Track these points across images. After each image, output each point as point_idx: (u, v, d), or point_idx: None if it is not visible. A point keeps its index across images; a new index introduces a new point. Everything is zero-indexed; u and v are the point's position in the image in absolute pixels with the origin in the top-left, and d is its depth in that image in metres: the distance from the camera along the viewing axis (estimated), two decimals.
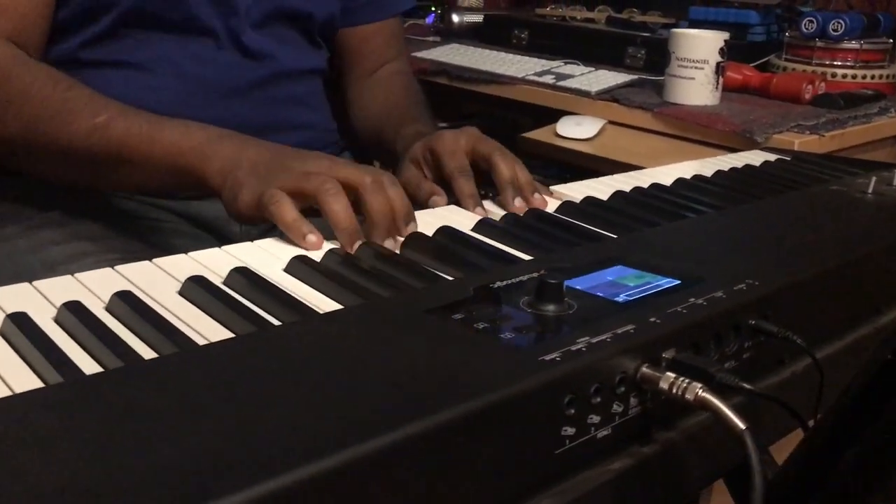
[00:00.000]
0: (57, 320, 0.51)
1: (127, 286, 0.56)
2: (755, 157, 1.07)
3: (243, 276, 0.57)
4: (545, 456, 0.43)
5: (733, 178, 0.95)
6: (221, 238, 0.96)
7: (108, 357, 0.46)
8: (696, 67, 1.34)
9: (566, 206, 0.79)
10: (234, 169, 0.71)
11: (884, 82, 1.52)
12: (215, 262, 0.60)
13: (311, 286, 0.58)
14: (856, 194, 0.83)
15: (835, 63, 1.51)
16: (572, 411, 0.44)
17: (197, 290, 0.55)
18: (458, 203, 0.79)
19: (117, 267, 0.59)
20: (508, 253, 0.66)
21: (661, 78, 1.52)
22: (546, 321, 0.50)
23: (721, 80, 1.37)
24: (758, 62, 1.57)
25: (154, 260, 0.61)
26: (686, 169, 0.98)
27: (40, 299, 0.53)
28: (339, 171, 0.67)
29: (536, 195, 0.79)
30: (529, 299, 0.52)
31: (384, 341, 0.46)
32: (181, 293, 0.56)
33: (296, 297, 0.55)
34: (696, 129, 1.29)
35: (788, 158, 1.07)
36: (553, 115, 1.45)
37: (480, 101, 1.65)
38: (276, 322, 0.51)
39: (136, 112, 0.78)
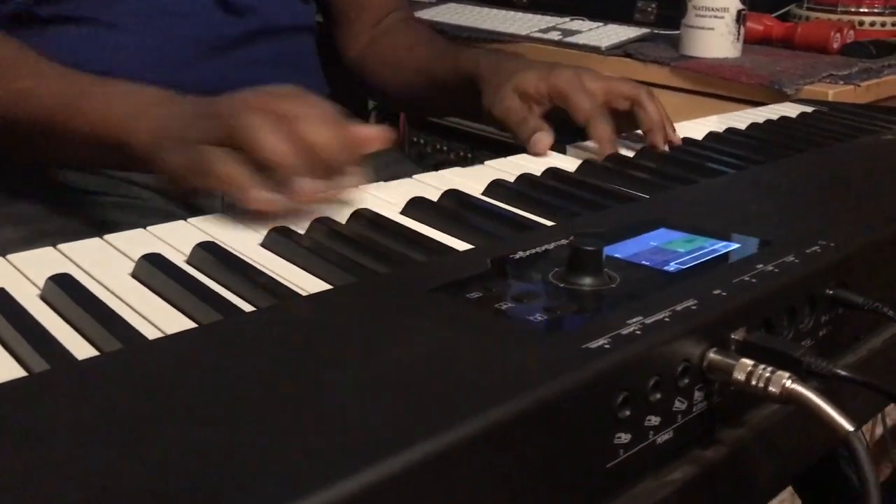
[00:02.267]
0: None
1: (69, 268, 0.46)
2: (789, 110, 0.97)
3: (209, 253, 0.47)
4: (594, 472, 0.34)
5: (771, 130, 0.85)
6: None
7: (32, 357, 0.36)
8: (715, 16, 1.24)
9: (586, 166, 0.69)
10: (161, 138, 0.59)
11: None
12: (178, 238, 0.50)
13: (293, 263, 0.48)
14: None
15: (861, 10, 1.40)
16: (627, 413, 0.34)
17: (151, 270, 0.45)
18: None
19: (60, 246, 0.49)
20: (526, 218, 0.56)
21: (674, 32, 1.41)
22: (584, 298, 0.40)
23: (742, 29, 1.26)
24: (778, 12, 1.46)
25: (105, 236, 0.51)
26: (714, 123, 0.88)
27: None
28: (271, 104, 0.55)
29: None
30: (560, 272, 0.42)
31: (379, 329, 0.36)
32: (134, 275, 0.46)
33: (273, 275, 0.45)
34: (717, 83, 1.19)
35: (825, 110, 0.97)
36: None
37: None
38: (248, 308, 0.42)
39: (67, 75, 0.68)
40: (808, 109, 0.96)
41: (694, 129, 0.85)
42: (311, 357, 0.33)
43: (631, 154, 0.73)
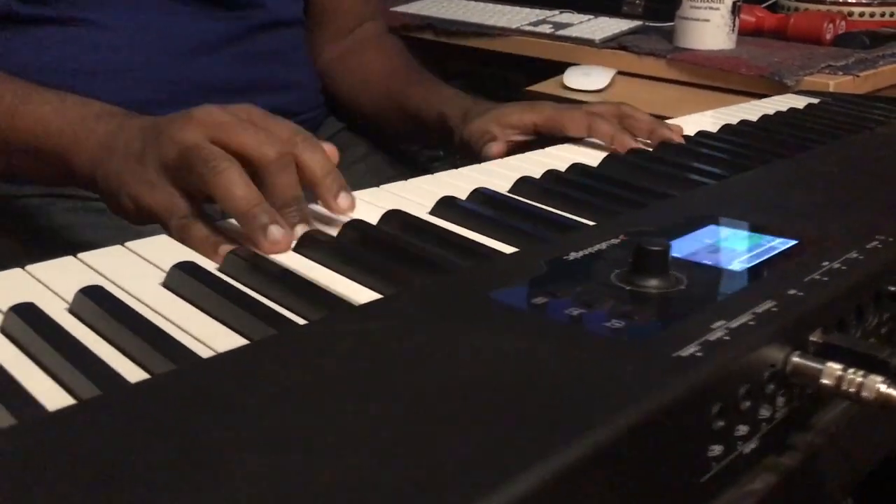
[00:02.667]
0: (3, 331, 0.38)
1: (94, 279, 0.43)
2: (795, 101, 0.96)
3: (244, 260, 0.45)
4: (689, 488, 0.32)
5: (785, 122, 0.83)
6: None
7: (77, 381, 0.33)
8: (710, 8, 1.23)
9: (610, 161, 0.68)
10: (106, 158, 0.55)
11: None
12: None
13: (332, 270, 0.45)
14: None
15: (850, 1, 1.40)
16: (721, 424, 0.32)
17: (186, 280, 0.42)
18: None
19: (81, 255, 0.46)
20: (562, 216, 0.54)
21: (666, 25, 1.40)
22: (656, 302, 0.38)
23: (737, 21, 1.25)
24: (767, 3, 1.46)
25: (128, 244, 0.48)
26: (721, 116, 0.86)
27: None
28: (231, 136, 0.50)
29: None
30: (623, 273, 0.40)
31: (452, 341, 0.34)
32: (166, 285, 0.43)
33: (316, 284, 0.43)
34: (715, 75, 1.18)
35: (830, 101, 0.96)
36: (550, 70, 1.33)
37: (467, 57, 1.52)
38: (296, 319, 0.39)
39: (10, 80, 0.64)
40: (815, 101, 0.96)
41: (705, 121, 0.83)
42: (388, 376, 0.31)
43: (649, 149, 0.71)
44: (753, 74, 1.13)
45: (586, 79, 1.18)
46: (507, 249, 0.48)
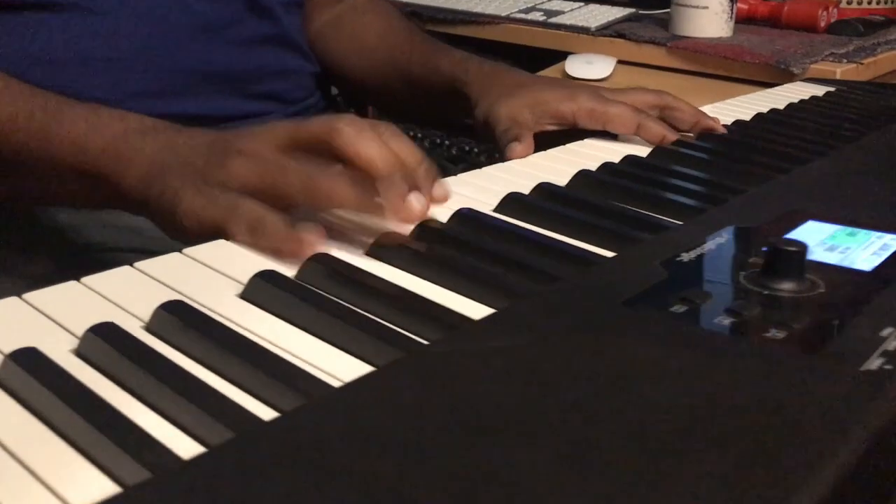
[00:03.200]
0: (81, 354, 0.34)
1: (158, 290, 0.39)
2: (807, 90, 0.94)
3: (322, 266, 0.41)
4: None
5: (824, 111, 0.82)
6: None
7: (203, 422, 0.29)
8: None
9: (662, 152, 0.65)
10: (162, 173, 0.50)
11: (890, 7, 1.42)
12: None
13: (421, 277, 0.41)
14: None
15: None
16: None
17: (274, 292, 0.38)
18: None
19: (137, 264, 0.42)
20: (645, 214, 0.51)
21: (659, 12, 1.38)
22: (804, 307, 0.35)
23: (735, 8, 1.24)
24: None
25: (186, 250, 0.44)
26: (740, 106, 0.84)
27: (32, 321, 0.36)
28: (302, 131, 0.48)
29: None
30: (753, 276, 0.37)
31: (606, 360, 0.30)
32: (247, 297, 0.39)
33: (417, 295, 0.39)
34: (717, 63, 1.16)
35: (846, 89, 0.95)
36: (542, 59, 1.30)
37: (455, 46, 1.47)
38: (411, 336, 0.35)
39: (31, 92, 0.58)
40: (830, 88, 0.94)
41: (733, 111, 0.81)
42: (549, 400, 0.28)
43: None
44: (758, 62, 1.11)
45: (589, 67, 1.15)
46: (600, 251, 0.45)
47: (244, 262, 0.42)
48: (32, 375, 0.30)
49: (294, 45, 0.87)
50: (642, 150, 0.65)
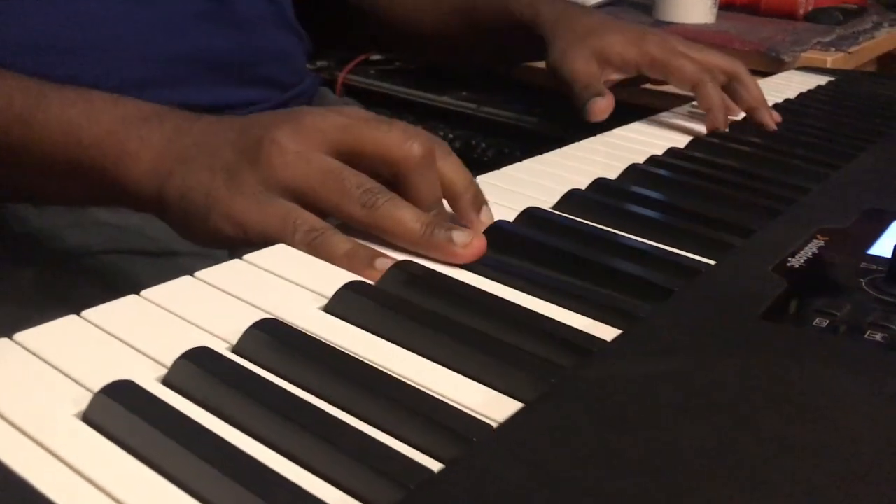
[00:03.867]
0: (173, 384, 0.29)
1: (238, 308, 0.34)
2: (803, 78, 0.94)
3: (406, 273, 0.37)
4: None
5: (836, 102, 0.81)
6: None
7: (359, 475, 0.25)
8: None
9: (702, 145, 0.62)
10: (181, 166, 0.44)
11: None
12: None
13: (515, 288, 0.38)
14: None
15: None
16: None
17: (367, 307, 0.34)
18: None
19: (200, 273, 0.37)
20: (719, 215, 0.47)
21: None
22: None
23: None
24: None
25: (246, 257, 0.39)
26: None
27: (101, 344, 0.31)
28: (362, 135, 0.43)
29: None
30: (878, 283, 0.35)
31: (784, 379, 0.28)
32: (334, 312, 0.35)
33: (529, 311, 0.35)
34: None
35: (845, 79, 0.94)
36: None
37: None
38: (552, 363, 0.32)
39: (14, 78, 0.51)
40: (829, 78, 0.94)
41: None
42: (746, 433, 0.25)
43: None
44: (749, 50, 1.10)
45: None
46: (692, 256, 0.42)
47: (313, 269, 0.38)
48: (137, 413, 0.26)
49: (290, 24, 0.82)
50: (683, 137, 0.63)
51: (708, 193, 0.51)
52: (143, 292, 0.35)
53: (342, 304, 0.35)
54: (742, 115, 0.69)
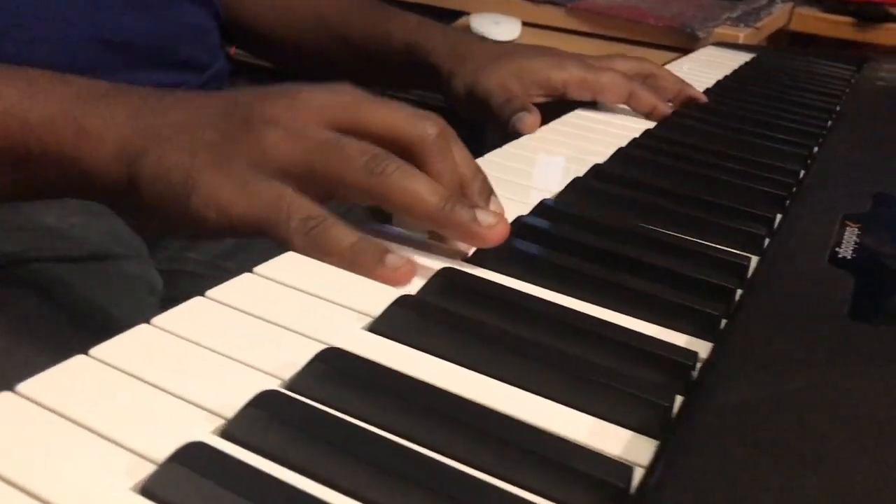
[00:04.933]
0: (239, 438, 0.24)
1: (272, 332, 0.29)
2: (721, 55, 0.94)
3: (450, 281, 0.33)
4: None
5: (771, 78, 0.81)
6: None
7: None
8: None
9: (673, 127, 0.61)
10: (153, 147, 0.39)
11: None
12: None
13: (566, 294, 0.34)
14: None
15: None
16: None
17: (425, 326, 0.30)
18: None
19: (210, 293, 0.32)
20: (734, 204, 0.45)
21: None
22: None
23: None
24: None
25: (257, 269, 0.34)
26: (681, 72, 0.82)
27: (131, 392, 0.26)
28: (370, 114, 0.38)
29: None
30: None
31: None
32: (385, 332, 0.30)
33: (597, 319, 0.32)
34: (621, 26, 1.14)
35: (768, 54, 0.96)
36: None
37: None
38: (651, 382, 0.29)
39: None
40: (751, 55, 0.95)
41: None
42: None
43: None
44: (663, 26, 1.10)
45: (496, 28, 1.10)
46: (728, 248, 0.40)
47: (338, 280, 0.34)
48: (215, 480, 0.21)
49: (212, 3, 0.75)
50: (637, 123, 0.61)
51: (705, 179, 0.49)
52: (154, 320, 0.30)
53: (394, 324, 0.30)
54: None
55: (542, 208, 0.42)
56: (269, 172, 0.37)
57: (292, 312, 0.31)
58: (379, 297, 0.32)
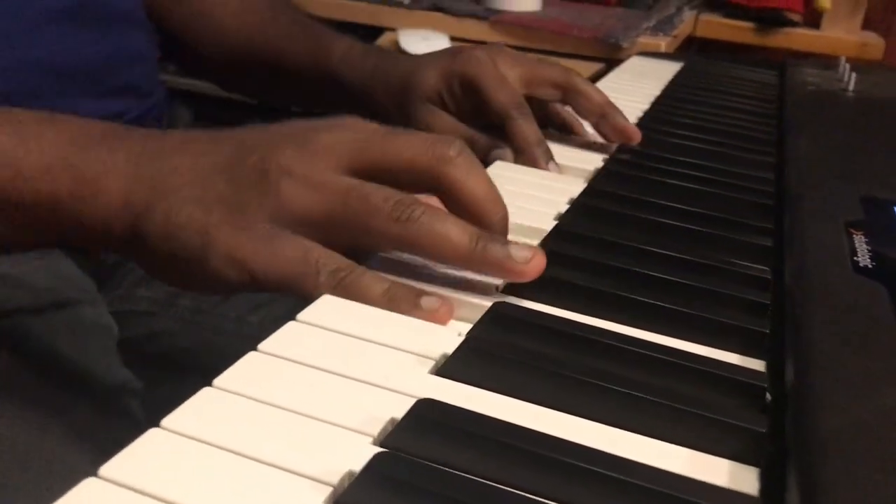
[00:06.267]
0: None
1: (341, 385, 0.28)
2: (661, 66, 0.97)
3: (522, 321, 0.32)
4: None
5: (708, 87, 0.83)
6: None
7: None
8: None
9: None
10: (160, 197, 0.37)
11: None
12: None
13: (629, 325, 0.34)
14: (848, 94, 0.76)
15: None
16: None
17: (500, 367, 0.29)
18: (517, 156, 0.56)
19: (263, 347, 0.30)
20: (737, 218, 0.46)
21: None
22: None
23: None
24: None
25: (300, 316, 0.32)
26: (612, 86, 0.83)
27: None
28: (391, 154, 0.37)
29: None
30: None
31: None
32: (455, 376, 0.29)
33: (667, 348, 0.32)
34: (544, 38, 1.15)
35: (699, 64, 0.99)
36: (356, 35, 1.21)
37: None
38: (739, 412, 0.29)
39: None
40: (678, 63, 0.97)
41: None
42: None
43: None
44: (588, 37, 1.12)
45: (425, 43, 1.09)
46: (751, 264, 0.40)
47: (385, 322, 0.32)
48: None
49: (141, 22, 0.72)
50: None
51: (689, 192, 0.50)
52: (216, 381, 0.28)
53: (464, 367, 0.29)
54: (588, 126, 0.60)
55: (559, 233, 0.42)
56: (289, 225, 0.36)
57: (352, 360, 0.30)
58: (433, 337, 0.31)
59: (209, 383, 0.28)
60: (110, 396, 0.57)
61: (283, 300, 0.70)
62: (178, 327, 0.69)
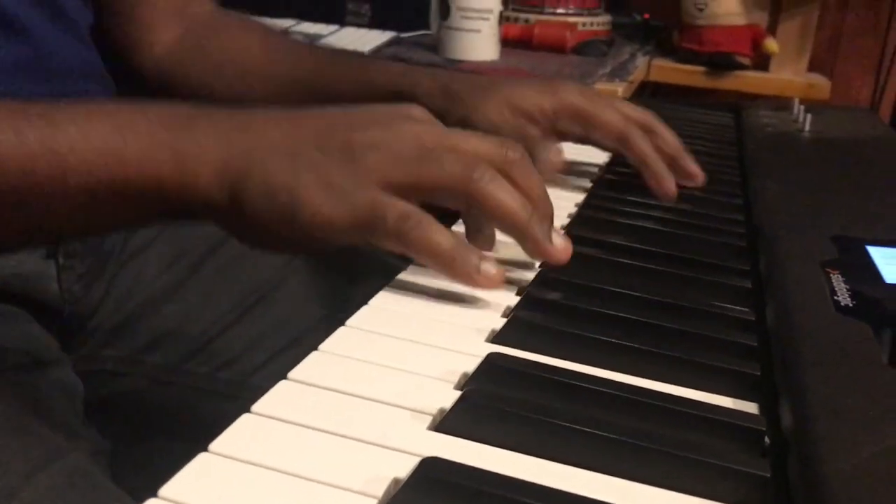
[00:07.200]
0: None
1: (340, 446, 0.27)
2: None
3: (514, 371, 0.32)
4: None
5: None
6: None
7: None
8: (481, 18, 1.21)
9: (603, 184, 0.62)
10: (250, 164, 0.41)
11: (603, 28, 1.55)
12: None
13: (624, 373, 0.34)
14: (805, 135, 0.78)
15: (568, 12, 1.49)
16: None
17: (496, 422, 0.29)
18: None
19: (256, 408, 0.29)
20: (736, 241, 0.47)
21: (416, 33, 1.37)
22: None
23: (500, 31, 1.26)
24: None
25: (292, 375, 0.32)
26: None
27: None
28: (463, 142, 0.42)
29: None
30: None
31: None
32: (454, 431, 0.29)
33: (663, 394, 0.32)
34: None
35: (666, 109, 1.00)
36: None
37: None
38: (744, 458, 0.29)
39: (21, 107, 0.42)
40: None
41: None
42: None
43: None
44: None
45: None
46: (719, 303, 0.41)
47: (367, 376, 0.32)
48: None
49: (101, 74, 0.71)
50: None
51: (663, 234, 0.51)
52: (211, 446, 0.27)
53: (464, 422, 0.29)
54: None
55: (542, 278, 0.42)
56: (370, 186, 0.39)
57: (348, 418, 0.29)
58: (428, 392, 0.31)
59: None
60: (78, 458, 0.55)
61: (249, 355, 0.68)
62: (146, 385, 0.67)
